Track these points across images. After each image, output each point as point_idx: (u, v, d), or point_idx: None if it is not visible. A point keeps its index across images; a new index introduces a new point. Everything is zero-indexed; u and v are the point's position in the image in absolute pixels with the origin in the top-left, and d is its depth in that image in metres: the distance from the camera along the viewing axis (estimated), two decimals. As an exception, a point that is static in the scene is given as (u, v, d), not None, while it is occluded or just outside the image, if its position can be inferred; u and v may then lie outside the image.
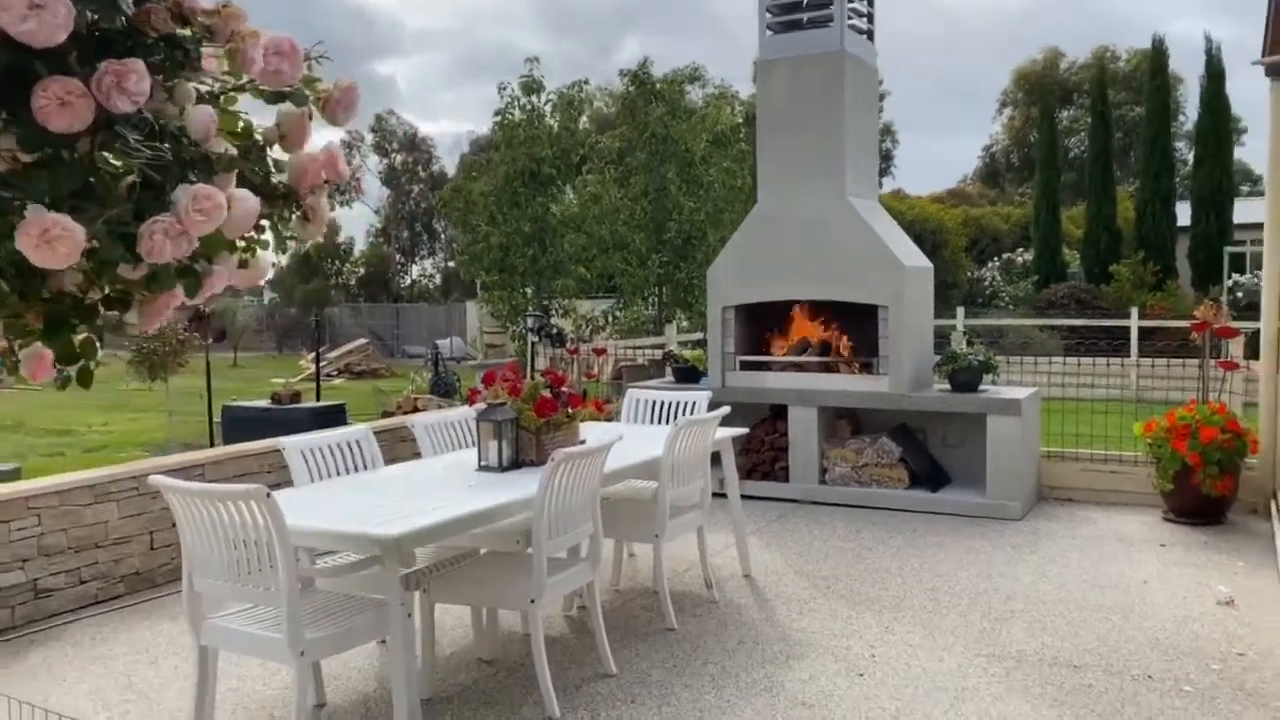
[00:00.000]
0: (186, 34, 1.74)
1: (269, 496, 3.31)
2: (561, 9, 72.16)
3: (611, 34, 72.53)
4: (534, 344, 10.49)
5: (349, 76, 2.06)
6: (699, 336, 13.60)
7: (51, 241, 1.52)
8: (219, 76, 1.98)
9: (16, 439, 13.67)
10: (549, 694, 3.97)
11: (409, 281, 45.24)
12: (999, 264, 27.07)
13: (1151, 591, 5.47)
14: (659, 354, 10.98)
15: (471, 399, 4.75)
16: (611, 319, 19.06)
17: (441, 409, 10.31)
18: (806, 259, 7.86)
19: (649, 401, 6.38)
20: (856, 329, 7.99)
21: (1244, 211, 24.05)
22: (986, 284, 26.19)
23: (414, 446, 5.34)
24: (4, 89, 1.54)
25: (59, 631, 5.13)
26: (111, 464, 6.84)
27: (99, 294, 1.85)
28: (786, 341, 8.29)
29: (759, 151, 8.30)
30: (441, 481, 4.41)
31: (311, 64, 2.00)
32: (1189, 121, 34.49)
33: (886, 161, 44.48)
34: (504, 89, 18.10)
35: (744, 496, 6.12)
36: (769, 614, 5.18)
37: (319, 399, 12.18)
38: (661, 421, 6.25)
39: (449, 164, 42.93)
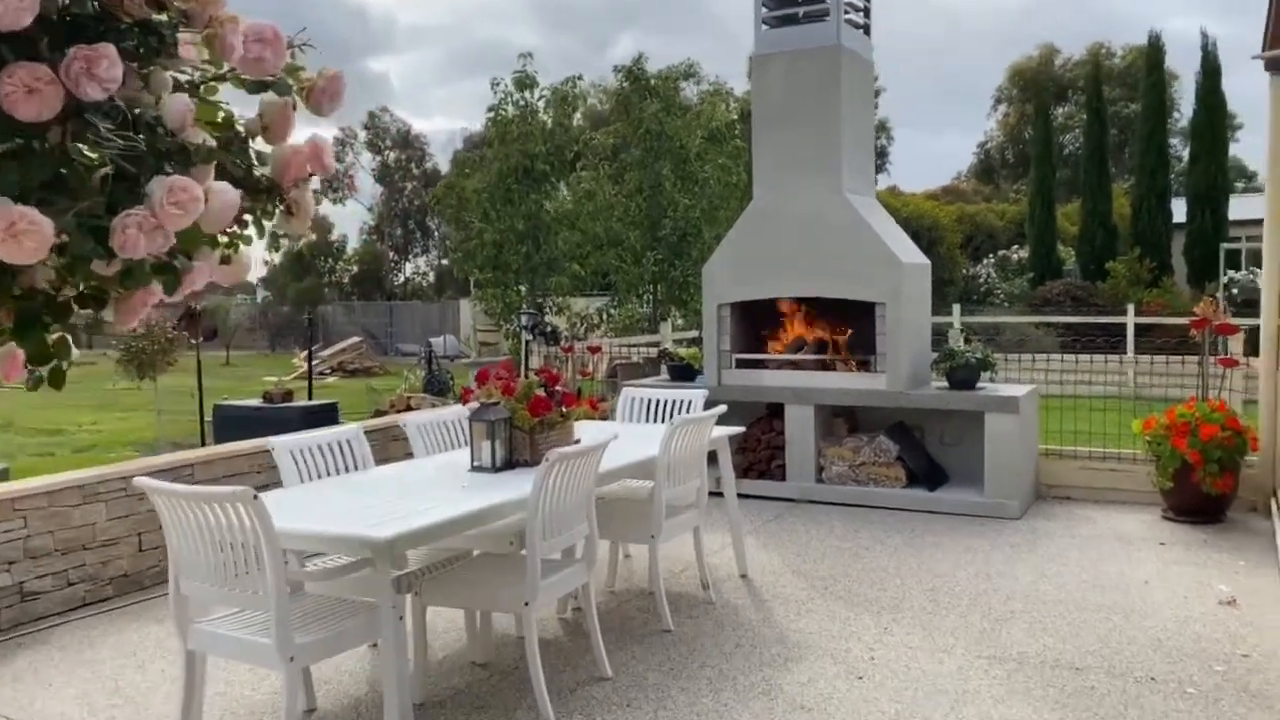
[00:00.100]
0: (162, 19, 1.67)
1: (256, 498, 3.24)
2: (556, 5, 72.10)
3: (606, 30, 72.47)
4: (528, 342, 10.41)
5: (344, 74, 1.98)
6: (694, 334, 13.52)
7: (18, 236, 1.45)
8: (198, 65, 1.90)
9: (6, 438, 13.57)
10: (543, 698, 3.90)
11: (402, 279, 45.16)
12: (994, 261, 27.03)
13: (1152, 591, 5.41)
14: (654, 352, 10.90)
15: (464, 398, 4.67)
16: (606, 317, 18.97)
17: (435, 407, 10.23)
18: (803, 256, 7.79)
19: (644, 400, 6.31)
20: (853, 326, 7.93)
21: (1239, 208, 24.04)
22: (982, 281, 26.15)
23: (407, 446, 5.26)
24: (-33, 75, 1.46)
25: (46, 635, 5.05)
26: (101, 464, 6.75)
27: (73, 291, 1.78)
28: (783, 339, 8.22)
29: (755, 147, 8.23)
30: (434, 482, 4.34)
31: (295, 52, 1.92)
32: (1183, 118, 34.52)
33: (881, 158, 44.48)
34: (497, 85, 18.00)
35: (740, 495, 6.05)
36: (766, 615, 5.12)
37: (311, 398, 12.09)
38: (657, 420, 6.18)
39: (442, 161, 42.82)
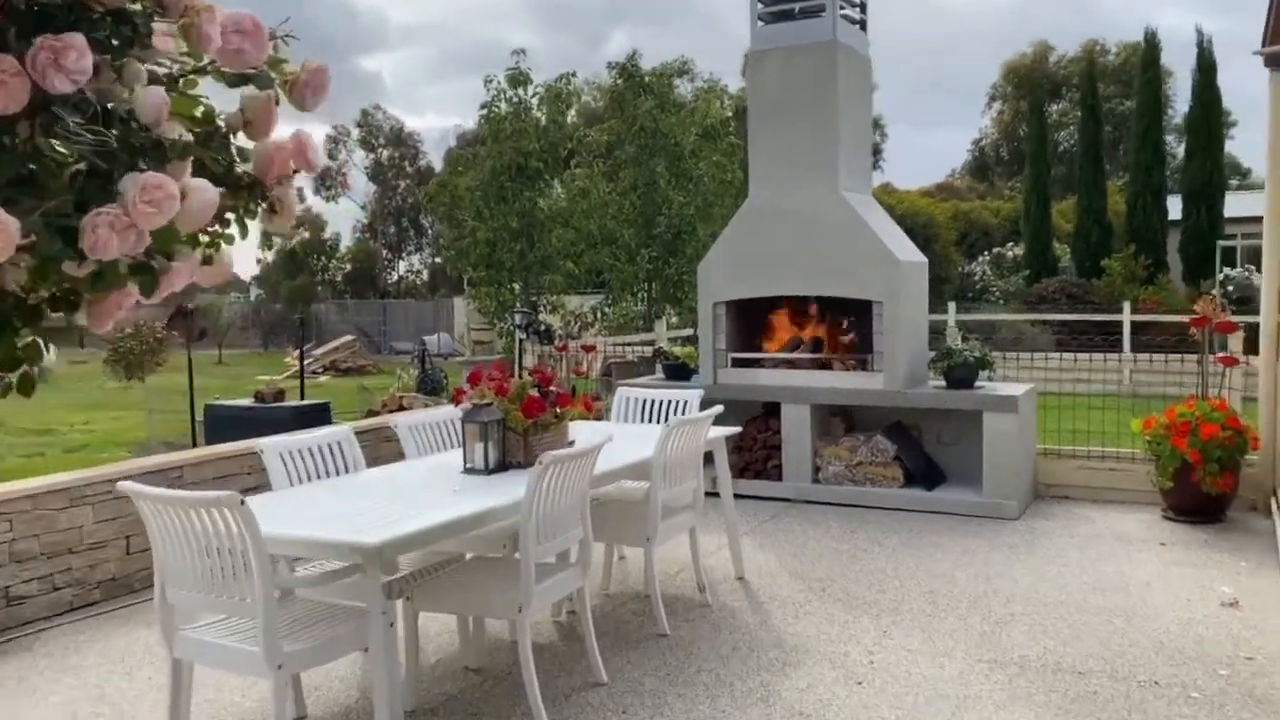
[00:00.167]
0: (135, 8, 1.59)
1: (243, 504, 3.16)
2: (550, 3, 71.90)
3: (600, 28, 72.29)
4: (522, 341, 10.34)
5: (335, 72, 1.91)
6: (689, 332, 13.45)
7: (-19, 236, 1.38)
8: (177, 57, 1.83)
9: (-4, 438, 13.46)
10: (537, 705, 3.83)
11: (396, 277, 45.02)
12: (989, 258, 26.98)
13: (1153, 593, 5.35)
14: (649, 351, 10.83)
15: (457, 399, 4.59)
16: (600, 315, 18.88)
17: (428, 407, 10.15)
18: (799, 254, 7.72)
19: (639, 400, 6.24)
20: (850, 325, 7.87)
21: (1234, 205, 24.01)
22: (977, 279, 26.10)
23: (399, 447, 5.18)
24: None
25: (31, 641, 4.96)
26: (92, 464, 6.67)
27: (45, 293, 1.71)
28: (779, 338, 8.15)
29: (750, 144, 8.16)
30: (425, 485, 4.27)
31: (277, 44, 1.85)
32: (1177, 115, 34.53)
33: (876, 155, 44.38)
34: (490, 82, 17.89)
35: (736, 495, 5.97)
36: (764, 618, 5.05)
37: (303, 397, 11.99)
38: (652, 420, 6.11)
39: (436, 159, 42.69)
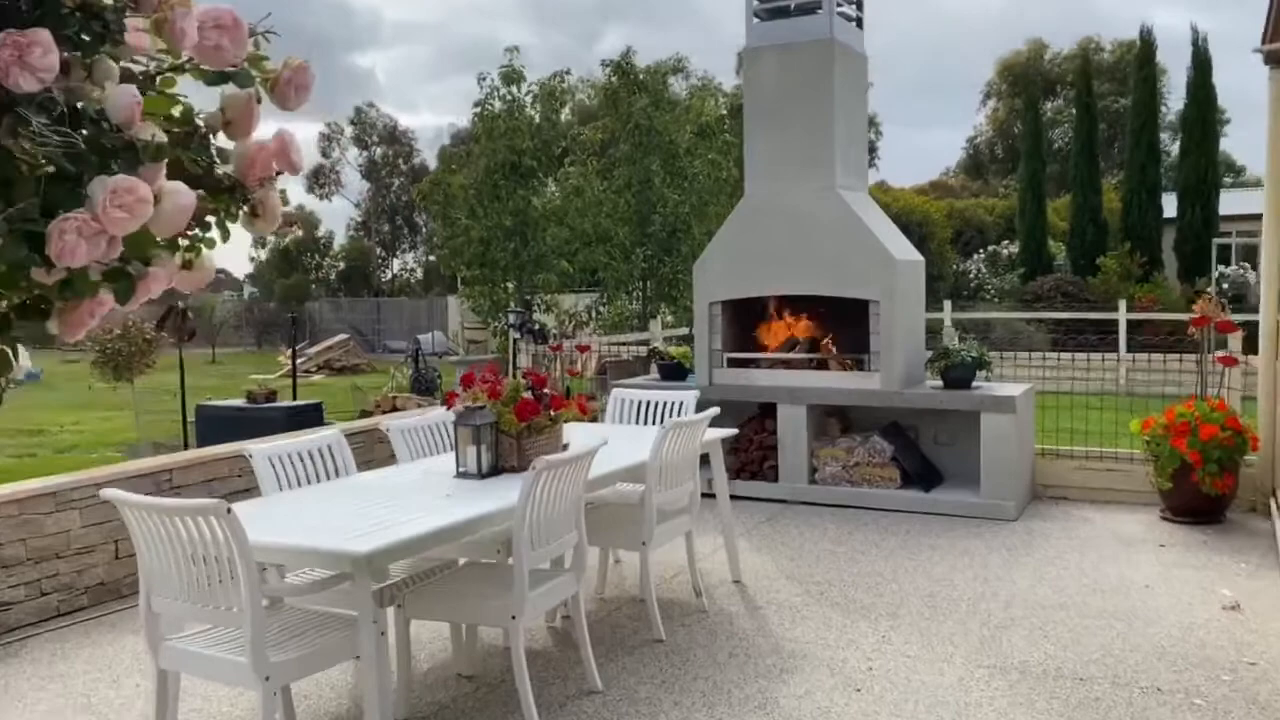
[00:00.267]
0: (107, 2, 1.52)
1: (229, 512, 3.09)
2: (545, 1, 71.68)
3: (594, 26, 72.06)
4: (516, 340, 10.26)
5: (329, 69, 1.85)
6: (685, 331, 13.38)
7: (-60, 243, 1.30)
8: (153, 54, 1.76)
9: (-14, 439, 13.35)
10: (531, 713, 3.76)
11: (390, 276, 44.87)
12: (984, 256, 26.93)
13: (1154, 595, 5.30)
14: (644, 350, 10.76)
15: (449, 402, 4.52)
16: (595, 314, 18.80)
17: (421, 407, 10.08)
18: (795, 253, 7.66)
19: (634, 402, 6.16)
20: (847, 324, 7.80)
21: (1228, 202, 23.99)
22: (972, 277, 26.06)
23: (391, 448, 5.11)
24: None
25: (17, 647, 4.88)
26: (83, 465, 6.59)
27: (15, 300, 1.63)
28: (775, 338, 8.09)
29: (746, 142, 8.08)
30: (417, 489, 4.19)
31: (258, 41, 1.78)
32: (1170, 112, 34.51)
33: (871, 153, 44.31)
34: (484, 80, 17.79)
35: (732, 497, 5.90)
36: (760, 623, 4.99)
37: (295, 398, 11.91)
38: (648, 422, 6.04)
39: (430, 157, 42.53)
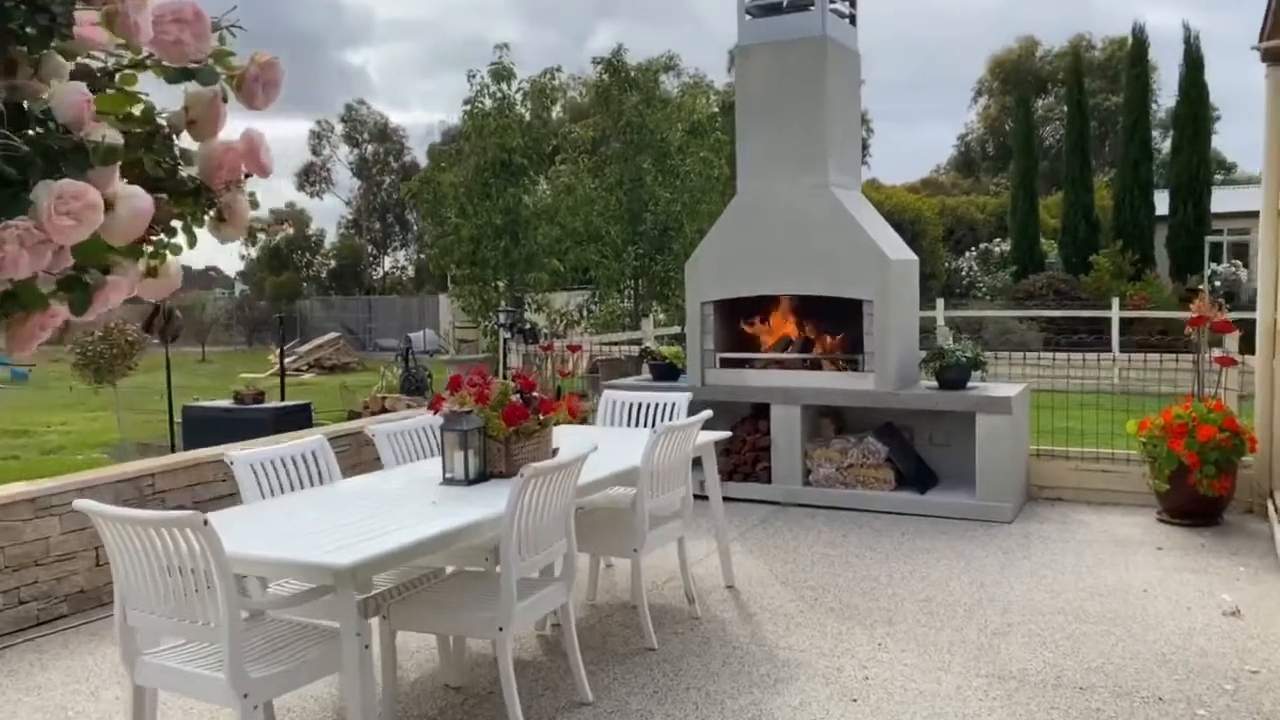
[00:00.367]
0: (55, -6, 1.42)
1: (206, 524, 2.99)
2: (536, -2, 71.41)
3: (585, 24, 71.89)
4: (506, 340, 10.16)
5: (322, 67, 1.75)
6: (677, 330, 13.28)
7: None
8: (112, 50, 1.66)
9: (-30, 440, 13.19)
10: (520, 728, 3.67)
11: (381, 273, 44.72)
12: (976, 254, 26.89)
13: (1153, 600, 5.22)
14: (636, 350, 10.66)
15: (435, 406, 4.42)
16: (587, 313, 18.69)
17: (410, 408, 9.97)
18: (788, 252, 7.57)
19: (626, 404, 6.06)
20: (841, 324, 7.71)
21: (1219, 200, 23.98)
22: (964, 275, 26.01)
23: (378, 451, 5.00)
24: None
25: (-6, 658, 4.78)
26: (68, 467, 6.47)
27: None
28: (768, 338, 8.00)
29: (738, 140, 7.99)
30: (403, 496, 4.09)
31: (223, 35, 1.68)
32: (1161, 109, 34.52)
33: (862, 151, 44.25)
34: (474, 77, 17.64)
35: (724, 498, 5.81)
36: (754, 630, 4.90)
37: (284, 398, 11.78)
38: (639, 424, 5.94)
39: (421, 154, 42.36)
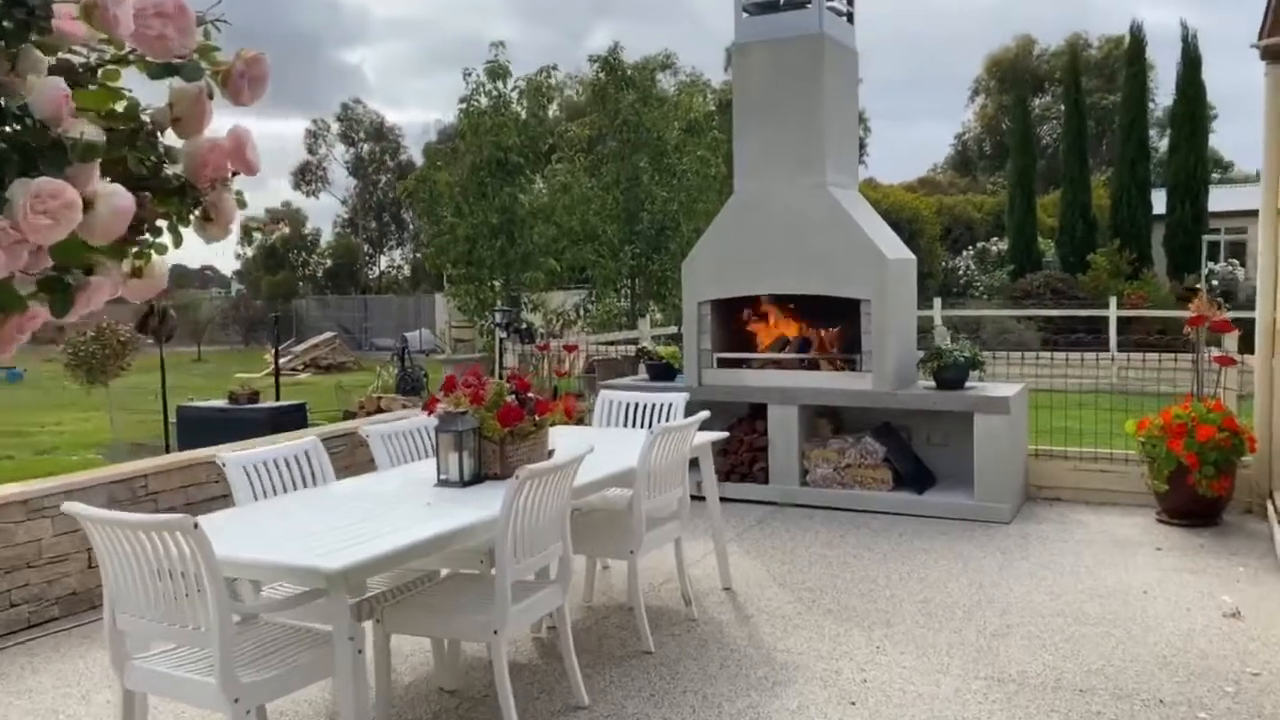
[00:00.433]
0: (31, -14, 1.38)
1: (196, 527, 2.95)
2: (532, -4, 71.29)
3: (583, 23, 71.85)
4: (502, 340, 10.12)
5: (318, 66, 1.71)
6: (674, 330, 13.24)
7: None
8: (95, 45, 1.62)
9: (-36, 441, 13.13)
10: (515, 732, 3.63)
11: (377, 273, 44.65)
12: (973, 253, 26.87)
13: (1152, 602, 5.19)
14: (633, 350, 10.63)
15: (430, 407, 4.38)
16: (583, 312, 18.64)
17: (406, 408, 9.93)
18: (785, 251, 7.53)
19: (622, 404, 6.02)
20: (838, 324, 7.68)
21: (1216, 199, 23.96)
22: (961, 274, 25.99)
23: (372, 452, 4.96)
24: None
25: (-16, 661, 4.73)
26: (63, 467, 6.43)
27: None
28: (765, 337, 7.96)
29: (735, 139, 7.95)
30: (397, 498, 4.05)
31: (208, 30, 1.64)
32: (1158, 108, 34.51)
33: (859, 150, 44.23)
34: (469, 75, 17.59)
35: (721, 499, 5.77)
36: (751, 632, 4.86)
37: (278, 398, 11.73)
38: (636, 425, 5.90)
39: (417, 153, 42.30)
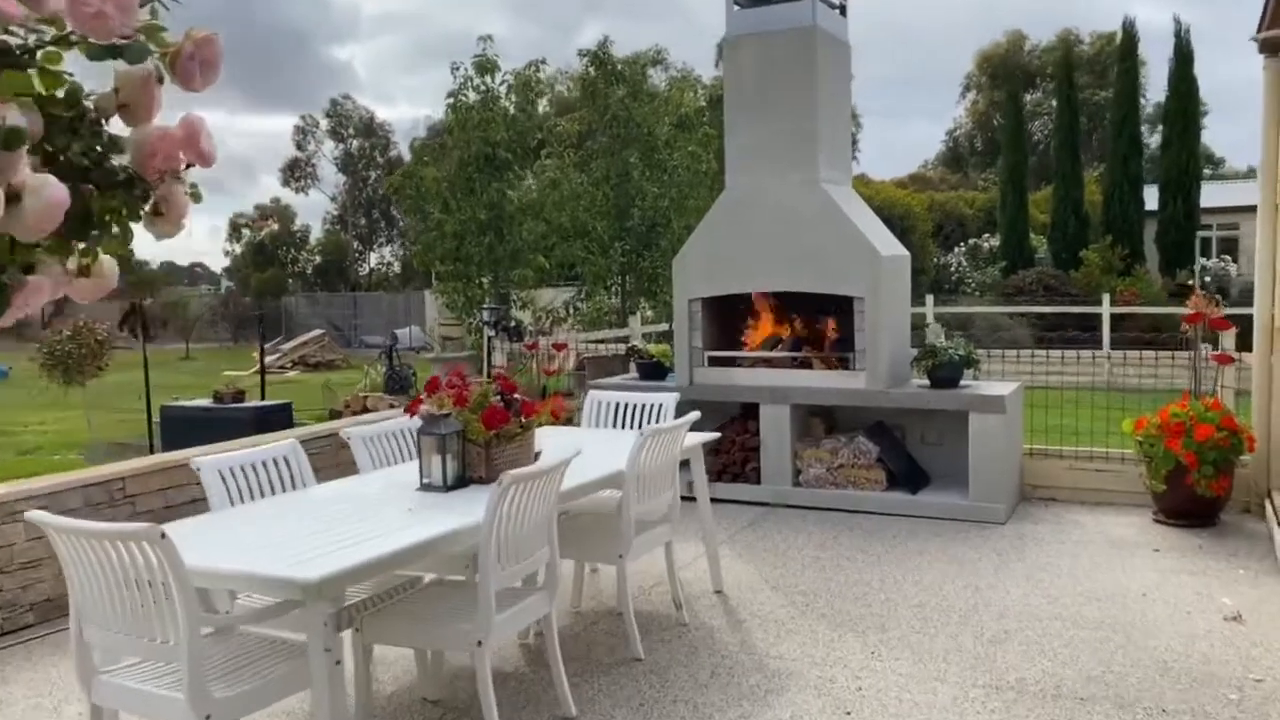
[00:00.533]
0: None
1: (164, 537, 2.82)
2: (523, -8, 71.00)
3: (573, 18, 71.59)
4: (490, 338, 9.99)
5: (308, 62, 1.58)
6: (665, 327, 13.12)
7: None
8: (32, 25, 1.49)
9: (-55, 441, 12.96)
10: (500, 745, 3.51)
11: (367, 270, 44.44)
12: (965, 250, 26.80)
13: (1151, 605, 5.09)
14: (623, 348, 10.50)
15: (413, 409, 4.26)
16: (573, 310, 18.49)
17: (393, 407, 9.78)
18: (778, 248, 7.41)
19: (611, 404, 5.89)
20: (831, 322, 7.57)
21: (1207, 195, 23.92)
22: (953, 270, 25.92)
23: (353, 455, 4.83)
24: None
25: (-46, 671, 4.59)
26: (45, 468, 6.29)
27: None
28: (757, 336, 7.85)
29: (727, 134, 7.83)
30: (377, 503, 3.92)
31: (154, 8, 1.51)
32: (1149, 104, 34.49)
33: (851, 146, 44.18)
34: (457, 69, 17.39)
35: (712, 499, 5.65)
36: (743, 638, 4.75)
37: (264, 397, 11.58)
38: (625, 426, 5.78)
39: (406, 149, 42.10)
